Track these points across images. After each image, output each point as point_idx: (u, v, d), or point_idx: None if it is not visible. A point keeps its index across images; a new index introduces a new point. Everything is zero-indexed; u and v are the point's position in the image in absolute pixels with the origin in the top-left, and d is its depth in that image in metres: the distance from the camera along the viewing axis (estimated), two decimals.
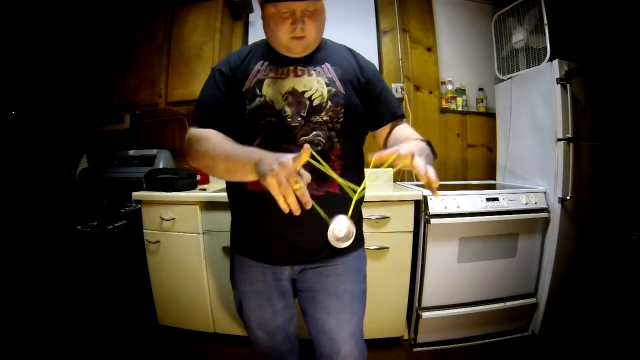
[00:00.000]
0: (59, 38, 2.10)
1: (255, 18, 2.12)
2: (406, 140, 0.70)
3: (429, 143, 0.70)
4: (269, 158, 0.59)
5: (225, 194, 1.44)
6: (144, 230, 1.55)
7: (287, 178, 0.53)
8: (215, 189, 1.64)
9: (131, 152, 2.04)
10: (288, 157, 0.55)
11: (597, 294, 1.68)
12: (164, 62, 1.89)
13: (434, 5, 2.14)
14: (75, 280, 1.50)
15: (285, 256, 0.85)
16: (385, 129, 0.89)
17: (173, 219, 1.50)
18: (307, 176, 0.55)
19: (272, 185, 0.55)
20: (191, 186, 1.68)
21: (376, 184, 1.94)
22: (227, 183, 0.90)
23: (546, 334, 1.61)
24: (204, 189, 1.67)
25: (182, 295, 1.56)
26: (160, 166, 1.92)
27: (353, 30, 2.06)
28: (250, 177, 0.64)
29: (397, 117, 0.88)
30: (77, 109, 2.19)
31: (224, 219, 1.45)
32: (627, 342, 1.51)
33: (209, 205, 1.48)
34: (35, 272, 1.49)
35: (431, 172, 0.54)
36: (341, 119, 0.80)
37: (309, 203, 0.54)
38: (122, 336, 1.57)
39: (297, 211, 0.54)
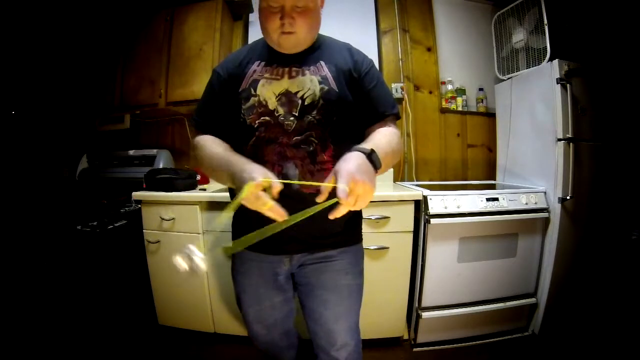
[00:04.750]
0: (59, 38, 2.10)
1: (255, 18, 2.12)
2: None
3: (371, 152, 0.66)
4: (240, 178, 0.64)
5: (224, 194, 1.46)
6: (144, 230, 1.55)
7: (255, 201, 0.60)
8: (215, 189, 1.64)
9: (131, 152, 2.04)
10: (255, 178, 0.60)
11: (597, 294, 1.68)
12: (164, 62, 1.89)
13: (434, 5, 2.14)
14: (75, 280, 1.50)
15: (279, 245, 0.84)
16: (371, 129, 0.83)
17: (173, 219, 1.50)
18: (276, 188, 0.61)
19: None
20: (191, 186, 1.68)
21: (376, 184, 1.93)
22: None
23: (546, 334, 1.61)
24: (204, 189, 1.67)
25: (182, 295, 1.56)
26: (160, 166, 1.92)
27: (353, 30, 2.06)
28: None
29: (385, 116, 0.83)
30: (77, 109, 2.19)
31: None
32: (627, 342, 1.51)
33: (209, 205, 1.48)
34: (35, 272, 1.49)
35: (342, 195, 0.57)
36: (334, 118, 0.79)
37: (283, 216, 0.60)
38: (122, 336, 1.57)
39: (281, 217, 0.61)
